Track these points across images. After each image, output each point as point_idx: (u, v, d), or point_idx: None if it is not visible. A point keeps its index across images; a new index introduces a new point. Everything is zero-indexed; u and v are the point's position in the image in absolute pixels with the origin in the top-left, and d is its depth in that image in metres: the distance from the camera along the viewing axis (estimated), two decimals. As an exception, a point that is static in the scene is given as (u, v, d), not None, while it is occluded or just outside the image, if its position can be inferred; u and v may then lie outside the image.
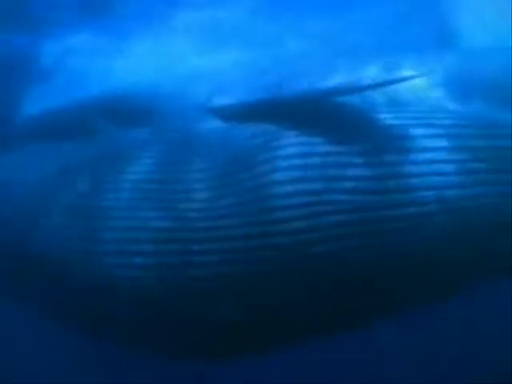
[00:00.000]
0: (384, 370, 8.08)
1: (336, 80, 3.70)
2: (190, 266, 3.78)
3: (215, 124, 3.93)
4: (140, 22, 4.48)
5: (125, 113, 4.14)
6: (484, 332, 7.87)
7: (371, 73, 3.81)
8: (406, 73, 3.72)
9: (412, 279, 3.82)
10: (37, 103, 4.40)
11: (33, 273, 4.14)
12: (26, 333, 7.31)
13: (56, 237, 4.01)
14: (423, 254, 3.72)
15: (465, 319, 7.84)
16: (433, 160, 3.66)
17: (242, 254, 3.71)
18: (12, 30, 4.63)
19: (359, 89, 3.70)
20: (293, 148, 3.70)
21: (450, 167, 3.65)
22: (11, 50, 4.58)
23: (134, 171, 3.94)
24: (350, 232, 3.64)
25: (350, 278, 3.74)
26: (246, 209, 3.69)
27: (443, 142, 3.69)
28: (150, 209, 3.83)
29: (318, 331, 4.11)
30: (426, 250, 3.71)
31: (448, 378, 7.87)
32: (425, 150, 3.67)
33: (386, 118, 3.75)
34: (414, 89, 3.86)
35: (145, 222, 3.83)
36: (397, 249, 3.68)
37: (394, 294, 3.89)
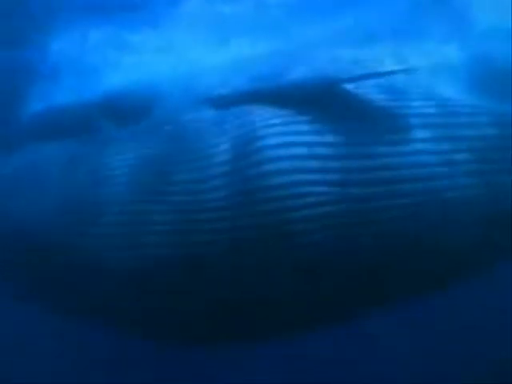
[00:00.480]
0: (383, 369, 8.08)
1: (341, 69, 3.74)
2: (190, 258, 3.79)
3: (208, 114, 3.95)
4: (144, 18, 4.48)
5: (127, 109, 4.16)
6: (484, 331, 7.88)
7: (377, 62, 3.83)
8: (412, 63, 3.76)
9: (405, 269, 3.84)
10: (41, 101, 4.41)
11: (34, 269, 4.17)
12: (26, 333, 7.32)
13: (58, 233, 4.03)
14: (414, 243, 3.76)
15: (465, 319, 7.85)
16: (422, 151, 3.69)
17: (238, 243, 3.74)
18: (15, 28, 4.64)
19: (365, 77, 3.73)
20: (282, 138, 3.72)
21: (437, 158, 3.68)
22: (16, 50, 4.59)
23: (131, 165, 3.96)
24: (338, 223, 3.66)
25: (343, 268, 3.77)
26: (239, 199, 3.72)
27: (432, 133, 3.71)
28: (149, 202, 3.85)
29: (313, 320, 4.14)
30: (417, 240, 3.75)
31: (448, 377, 7.88)
32: (415, 140, 3.70)
33: (380, 107, 3.76)
34: (412, 78, 3.86)
35: (145, 215, 3.86)
36: (389, 239, 3.71)
37: (387, 283, 3.91)
